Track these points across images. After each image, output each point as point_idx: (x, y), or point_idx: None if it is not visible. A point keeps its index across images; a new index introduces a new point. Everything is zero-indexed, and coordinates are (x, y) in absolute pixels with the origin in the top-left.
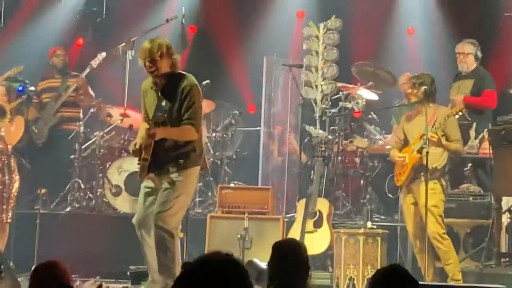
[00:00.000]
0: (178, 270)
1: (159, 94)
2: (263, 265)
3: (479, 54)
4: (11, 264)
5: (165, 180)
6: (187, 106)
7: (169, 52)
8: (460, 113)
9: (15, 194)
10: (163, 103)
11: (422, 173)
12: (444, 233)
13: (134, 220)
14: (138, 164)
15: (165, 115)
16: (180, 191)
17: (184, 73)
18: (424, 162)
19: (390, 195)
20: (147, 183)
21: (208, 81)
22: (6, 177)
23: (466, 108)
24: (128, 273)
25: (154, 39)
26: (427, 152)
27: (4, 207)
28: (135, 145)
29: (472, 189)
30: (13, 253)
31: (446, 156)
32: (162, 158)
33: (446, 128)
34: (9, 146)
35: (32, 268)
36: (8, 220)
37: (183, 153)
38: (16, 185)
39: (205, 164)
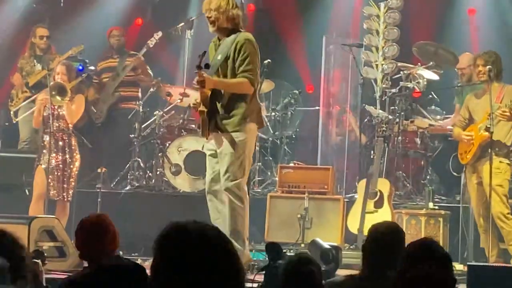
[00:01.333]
0: (247, 234)
1: (216, 49)
2: (326, 245)
3: None
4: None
5: (225, 139)
6: (241, 60)
7: (227, 7)
8: None
9: (76, 173)
10: (219, 57)
11: (488, 152)
12: (508, 213)
13: (206, 187)
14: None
15: (219, 68)
16: (241, 151)
17: (241, 30)
18: (491, 141)
19: (454, 173)
20: (209, 145)
21: (269, 60)
22: (67, 156)
23: None
24: None
25: None
26: (491, 132)
27: (65, 185)
28: (196, 101)
29: None
30: (74, 231)
31: None
32: (217, 113)
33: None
34: (70, 125)
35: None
36: (69, 199)
37: (238, 108)
38: (77, 164)
39: (262, 123)
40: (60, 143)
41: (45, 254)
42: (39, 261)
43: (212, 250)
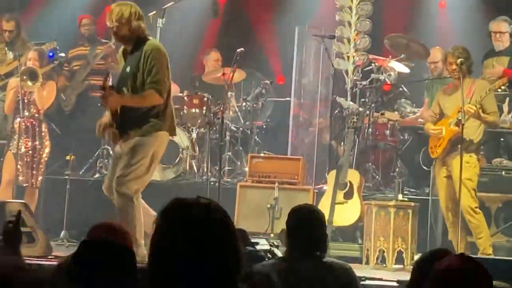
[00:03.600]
0: (139, 235)
1: (124, 60)
2: None
3: None
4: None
5: (129, 143)
6: (148, 70)
7: (130, 17)
8: (501, 88)
9: (46, 159)
10: (127, 70)
11: (458, 146)
12: (476, 207)
13: (103, 186)
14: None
15: (128, 81)
16: (141, 156)
17: (149, 37)
18: (461, 136)
19: (424, 167)
20: (116, 149)
21: (242, 49)
22: (37, 142)
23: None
24: None
25: (119, 4)
26: (463, 125)
27: (34, 172)
28: (99, 126)
29: (505, 164)
30: (42, 217)
31: (482, 130)
32: (125, 123)
33: (483, 100)
34: (41, 111)
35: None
36: (38, 185)
37: (144, 118)
38: (47, 150)
39: (172, 131)
40: (30, 129)
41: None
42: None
43: (213, 225)
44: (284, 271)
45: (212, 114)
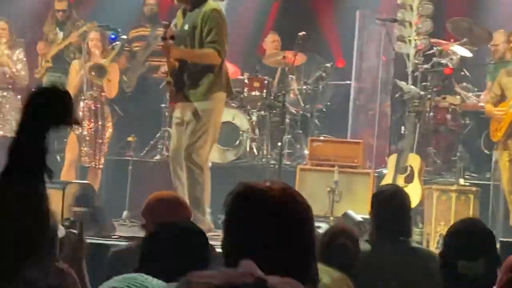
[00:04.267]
0: (206, 203)
1: (183, 18)
2: (359, 217)
3: None
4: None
5: (189, 109)
6: (208, 30)
7: None
8: None
9: (108, 140)
10: (186, 28)
11: None
12: None
13: (170, 155)
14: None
15: (187, 39)
16: (205, 121)
17: None
18: None
19: (486, 151)
20: (176, 114)
21: (304, 32)
22: (100, 124)
23: None
24: (220, 222)
25: None
26: None
27: (97, 153)
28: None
29: None
30: (105, 198)
31: None
32: (183, 81)
33: None
34: (103, 93)
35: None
36: (100, 166)
37: (201, 77)
38: (110, 131)
39: (230, 91)
40: (93, 111)
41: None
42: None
43: (289, 211)
44: (368, 254)
45: (272, 97)
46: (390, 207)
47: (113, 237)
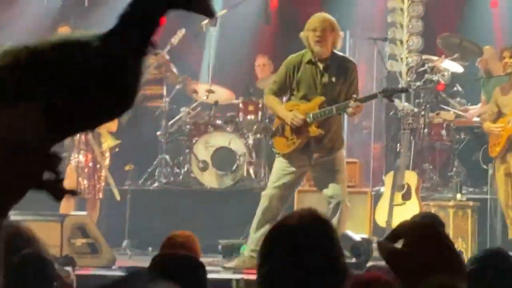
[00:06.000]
0: None
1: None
2: (358, 237)
3: None
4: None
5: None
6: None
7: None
8: None
9: (106, 170)
10: (333, 79)
11: None
12: None
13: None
14: None
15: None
16: None
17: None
18: None
19: (483, 166)
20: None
21: None
22: (97, 153)
23: None
24: (219, 247)
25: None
26: None
27: (95, 183)
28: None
29: None
30: (104, 228)
31: None
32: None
33: None
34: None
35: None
36: (99, 196)
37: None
38: (107, 161)
39: None
40: (90, 141)
41: (75, 258)
42: (69, 268)
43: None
44: None
45: (267, 120)
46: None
47: (113, 267)
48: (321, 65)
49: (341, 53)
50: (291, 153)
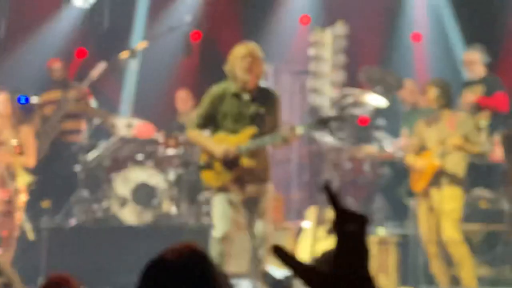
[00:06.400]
0: None
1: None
2: (281, 274)
3: (487, 60)
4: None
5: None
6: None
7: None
8: (486, 122)
9: (22, 206)
10: (260, 110)
11: (443, 178)
12: (460, 239)
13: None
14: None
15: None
16: None
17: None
18: (444, 168)
19: (405, 201)
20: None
21: None
22: (12, 189)
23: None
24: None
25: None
26: (442, 158)
27: (11, 220)
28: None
29: (485, 194)
30: (19, 266)
31: (466, 162)
32: None
33: (468, 134)
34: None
35: (41, 284)
36: (15, 234)
37: None
38: (23, 197)
39: None
40: (5, 177)
41: None
42: None
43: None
44: None
45: (188, 154)
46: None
47: None
48: (247, 96)
49: (265, 85)
50: (224, 186)
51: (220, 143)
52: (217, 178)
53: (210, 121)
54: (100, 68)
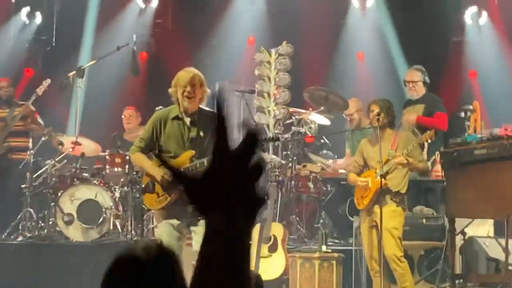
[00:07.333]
0: None
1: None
2: None
3: (427, 80)
4: None
5: None
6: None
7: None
8: (429, 141)
9: None
10: (201, 133)
11: (385, 196)
12: (401, 256)
13: None
14: None
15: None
16: None
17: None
18: (387, 186)
19: (349, 218)
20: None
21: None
22: None
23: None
24: None
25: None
26: (385, 176)
27: None
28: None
29: (425, 211)
30: None
31: (408, 180)
32: None
33: (410, 152)
34: None
35: None
36: None
37: None
38: None
39: None
40: None
41: None
42: None
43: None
44: None
45: (135, 173)
46: None
47: None
48: (187, 120)
49: (207, 108)
50: (165, 208)
51: (160, 167)
52: (158, 201)
53: (152, 145)
54: (45, 84)
